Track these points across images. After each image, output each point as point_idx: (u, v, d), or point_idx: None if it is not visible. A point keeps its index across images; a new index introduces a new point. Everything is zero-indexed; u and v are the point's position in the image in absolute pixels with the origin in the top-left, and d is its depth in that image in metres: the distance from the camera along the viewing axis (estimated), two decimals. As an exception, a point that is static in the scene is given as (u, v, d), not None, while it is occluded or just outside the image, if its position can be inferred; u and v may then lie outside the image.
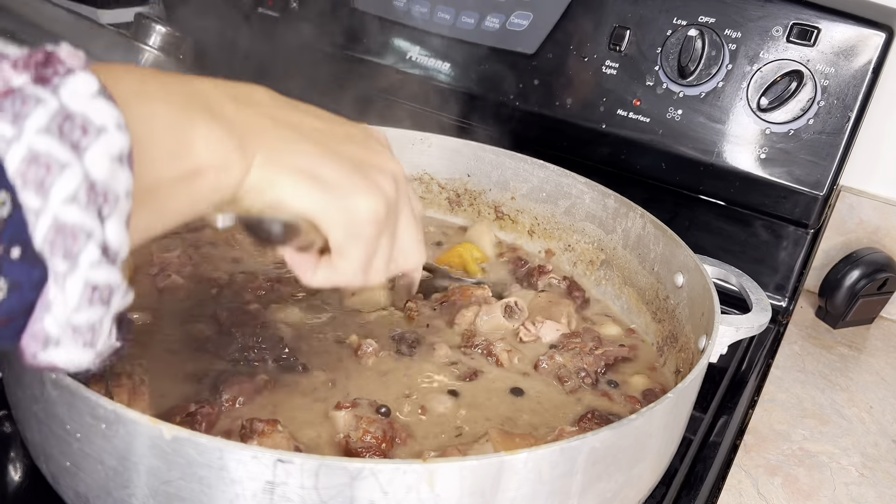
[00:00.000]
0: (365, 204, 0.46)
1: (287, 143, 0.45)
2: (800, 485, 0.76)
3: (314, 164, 0.45)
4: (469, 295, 0.80)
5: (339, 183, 0.45)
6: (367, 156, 0.49)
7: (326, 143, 0.47)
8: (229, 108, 0.42)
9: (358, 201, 0.46)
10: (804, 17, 0.92)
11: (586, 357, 0.74)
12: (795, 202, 0.96)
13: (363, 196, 0.46)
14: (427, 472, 0.43)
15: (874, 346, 1.04)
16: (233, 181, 0.41)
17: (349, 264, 0.48)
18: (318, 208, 0.45)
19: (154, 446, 0.43)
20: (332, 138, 0.48)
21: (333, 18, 1.16)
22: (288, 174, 0.44)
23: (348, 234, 0.46)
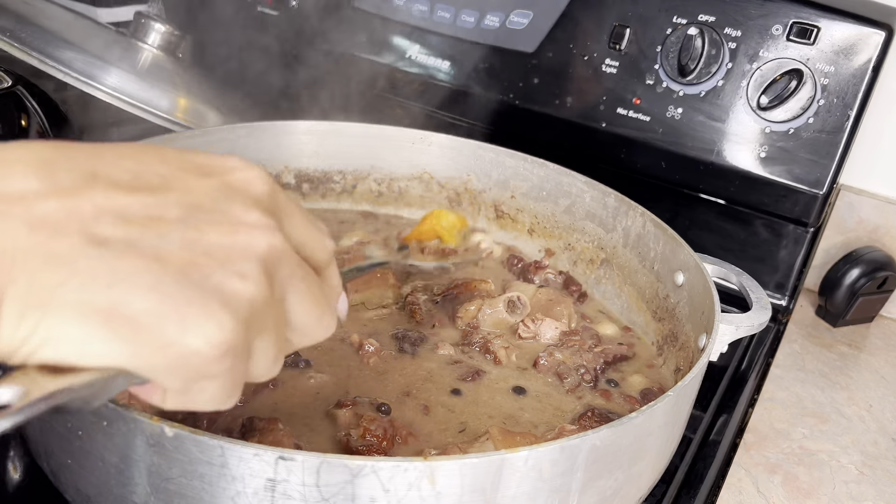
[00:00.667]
0: (200, 340, 0.32)
1: (57, 264, 0.29)
2: (799, 483, 0.76)
3: (109, 295, 0.30)
4: (472, 288, 0.81)
5: (153, 316, 0.31)
6: (207, 237, 0.34)
7: (132, 242, 0.31)
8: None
9: (188, 339, 0.32)
10: (804, 15, 0.92)
11: (585, 354, 0.74)
12: (795, 201, 0.96)
13: (195, 329, 0.32)
14: (428, 470, 0.43)
15: (874, 344, 1.04)
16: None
17: (206, 399, 0.35)
18: (130, 362, 0.31)
19: (155, 444, 0.43)
20: (144, 226, 0.32)
21: (333, 17, 1.16)
22: (66, 318, 0.29)
23: (188, 380, 0.33)
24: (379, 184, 0.99)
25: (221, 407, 0.36)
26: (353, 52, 1.16)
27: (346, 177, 0.98)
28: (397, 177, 0.99)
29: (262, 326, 0.36)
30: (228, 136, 0.91)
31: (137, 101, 0.93)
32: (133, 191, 0.33)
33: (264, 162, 0.94)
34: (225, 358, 0.33)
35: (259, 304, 0.35)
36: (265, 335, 0.36)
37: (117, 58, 0.94)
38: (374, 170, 0.98)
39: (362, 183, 0.99)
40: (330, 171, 0.98)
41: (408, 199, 0.99)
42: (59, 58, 0.90)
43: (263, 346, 0.36)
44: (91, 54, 0.92)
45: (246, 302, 0.34)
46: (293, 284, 0.38)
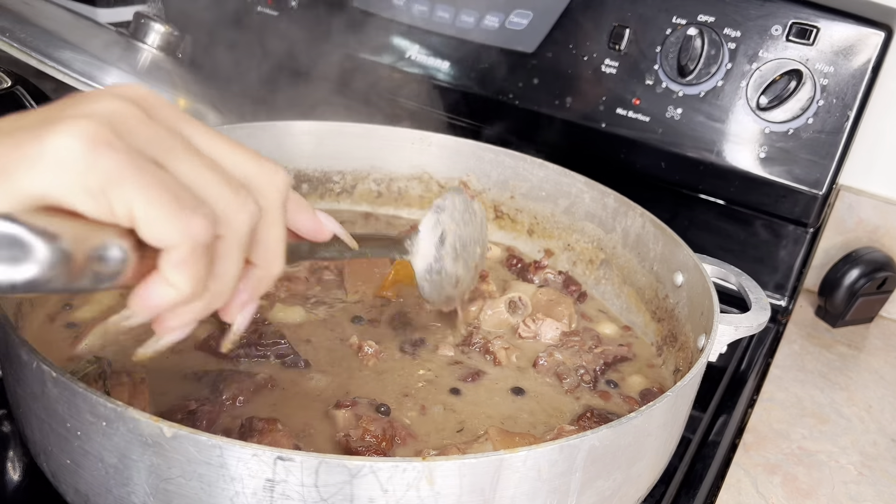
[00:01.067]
0: (61, 137, 0.32)
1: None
2: (799, 484, 0.76)
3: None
4: (473, 289, 0.81)
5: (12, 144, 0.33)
6: (64, 105, 0.36)
7: None
8: None
9: (49, 141, 0.32)
10: (803, 16, 0.92)
11: (585, 355, 0.74)
12: (795, 201, 0.96)
13: (52, 131, 0.33)
14: (427, 470, 0.43)
15: (873, 345, 1.04)
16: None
17: (157, 219, 0.34)
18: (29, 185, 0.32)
19: (154, 444, 0.43)
20: None
21: (332, 17, 1.16)
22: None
23: (89, 190, 0.33)
24: (378, 184, 0.99)
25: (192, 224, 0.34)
26: (353, 53, 1.16)
27: (345, 177, 0.98)
28: (397, 177, 0.99)
29: (154, 140, 0.35)
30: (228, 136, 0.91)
31: (137, 101, 0.93)
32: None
33: (264, 162, 0.94)
34: (99, 149, 0.32)
35: (129, 117, 0.34)
36: (171, 150, 0.35)
37: (117, 58, 0.94)
38: (374, 170, 0.98)
39: (362, 183, 0.99)
40: (329, 171, 0.98)
41: (407, 199, 1.00)
42: (59, 58, 0.90)
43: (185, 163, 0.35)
44: (90, 54, 0.92)
45: (101, 112, 0.34)
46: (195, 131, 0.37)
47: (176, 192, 0.34)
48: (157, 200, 0.33)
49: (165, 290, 0.36)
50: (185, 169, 0.35)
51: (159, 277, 0.35)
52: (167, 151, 0.35)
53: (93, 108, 0.34)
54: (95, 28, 1.02)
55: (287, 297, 0.78)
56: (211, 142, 0.38)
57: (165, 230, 0.34)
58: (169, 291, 0.36)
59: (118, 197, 0.33)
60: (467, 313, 0.78)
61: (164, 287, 0.36)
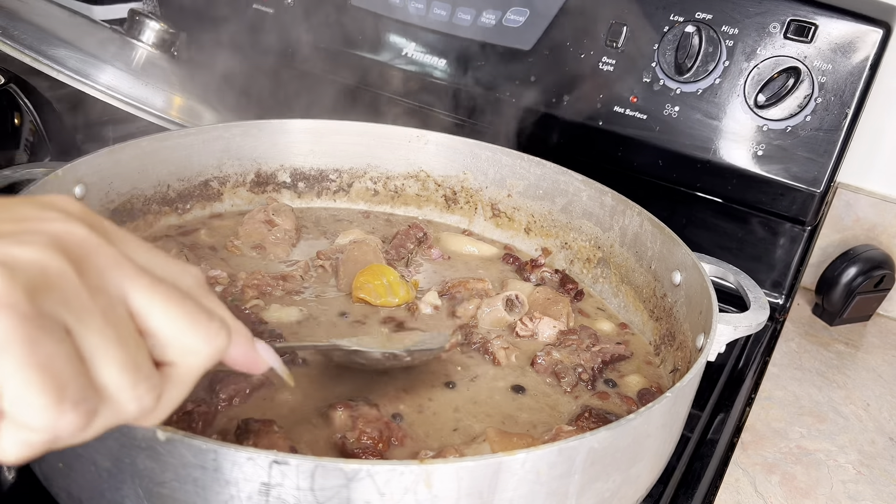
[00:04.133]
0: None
1: None
2: (797, 482, 0.76)
3: None
4: (469, 288, 0.81)
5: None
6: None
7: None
8: None
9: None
10: (801, 13, 0.92)
11: (583, 353, 0.74)
12: (792, 199, 0.96)
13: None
14: (424, 473, 0.43)
15: (871, 343, 1.04)
16: None
17: (25, 405, 0.29)
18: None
19: (148, 448, 0.43)
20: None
21: (329, 14, 1.16)
22: None
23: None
24: (375, 182, 0.98)
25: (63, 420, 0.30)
26: (349, 50, 1.16)
27: (342, 175, 0.98)
28: (393, 175, 0.98)
29: (73, 305, 0.30)
30: (224, 135, 0.90)
31: (132, 99, 0.92)
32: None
33: (260, 160, 0.94)
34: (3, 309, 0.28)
35: (52, 273, 0.30)
36: (87, 321, 0.31)
37: (111, 55, 0.94)
38: (371, 168, 0.98)
39: (358, 181, 0.98)
40: (326, 169, 0.97)
41: (404, 197, 0.99)
42: (53, 55, 0.89)
43: (95, 340, 0.31)
44: (85, 52, 0.91)
45: (23, 261, 0.30)
46: (130, 281, 0.33)
47: (61, 378, 0.29)
48: (35, 385, 0.29)
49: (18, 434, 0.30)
50: (92, 342, 0.31)
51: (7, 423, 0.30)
52: (82, 318, 0.31)
53: (17, 258, 0.30)
54: (90, 25, 1.01)
55: (283, 295, 0.78)
56: (147, 295, 0.33)
57: (32, 417, 0.29)
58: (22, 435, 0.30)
59: None
60: (465, 311, 0.78)
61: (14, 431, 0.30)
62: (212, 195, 0.91)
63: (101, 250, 0.33)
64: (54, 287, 0.30)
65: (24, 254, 0.30)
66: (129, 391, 0.32)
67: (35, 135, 0.94)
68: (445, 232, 0.96)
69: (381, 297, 0.78)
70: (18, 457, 0.31)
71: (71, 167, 0.72)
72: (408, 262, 0.87)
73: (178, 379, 0.35)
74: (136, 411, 0.33)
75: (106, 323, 0.32)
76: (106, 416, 0.32)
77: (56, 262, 0.30)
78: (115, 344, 0.32)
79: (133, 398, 0.33)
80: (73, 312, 0.31)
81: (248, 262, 0.83)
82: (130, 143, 0.81)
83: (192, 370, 0.35)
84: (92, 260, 0.32)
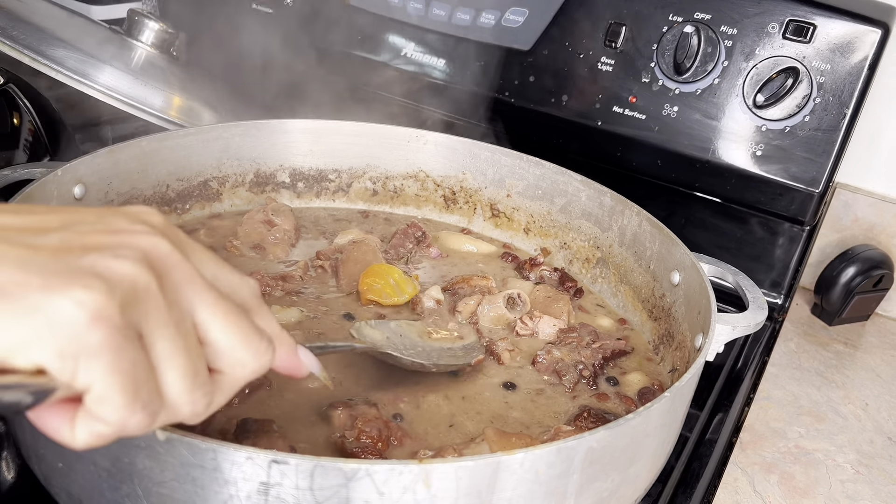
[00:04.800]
0: (66, 301, 0.32)
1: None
2: (796, 482, 0.76)
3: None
4: (472, 285, 0.81)
5: (19, 285, 0.31)
6: (86, 237, 0.35)
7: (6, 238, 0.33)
8: None
9: (56, 301, 0.31)
10: (800, 13, 0.92)
11: (584, 350, 0.74)
12: (791, 199, 0.96)
13: (61, 292, 0.32)
14: (423, 473, 0.43)
15: (870, 342, 1.04)
16: None
17: (106, 404, 0.33)
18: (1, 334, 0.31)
19: (147, 447, 0.43)
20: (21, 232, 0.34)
21: (328, 15, 1.16)
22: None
23: (64, 354, 0.32)
24: (374, 182, 0.99)
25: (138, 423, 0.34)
26: (348, 50, 1.16)
27: (341, 175, 0.98)
28: (393, 175, 0.98)
29: (151, 316, 0.34)
30: (223, 135, 0.90)
31: (131, 99, 0.92)
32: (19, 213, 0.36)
33: (259, 160, 0.94)
34: (97, 324, 0.32)
35: (140, 288, 0.34)
36: (161, 331, 0.35)
37: (111, 56, 0.94)
38: (370, 168, 0.98)
39: (358, 181, 0.98)
40: (325, 169, 0.97)
41: (403, 197, 0.99)
42: (52, 56, 0.89)
43: (165, 348, 0.35)
44: (84, 52, 0.91)
45: (119, 276, 0.33)
46: (198, 296, 0.37)
47: (137, 383, 0.34)
48: (118, 388, 0.33)
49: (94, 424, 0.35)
50: (164, 350, 0.35)
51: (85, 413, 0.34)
52: (158, 328, 0.35)
53: (116, 272, 0.33)
54: (89, 25, 1.01)
55: (282, 295, 0.78)
56: (211, 311, 0.37)
57: (109, 414, 0.34)
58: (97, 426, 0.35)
59: (86, 369, 0.32)
60: (466, 307, 0.78)
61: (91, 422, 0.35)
62: (211, 195, 0.92)
63: (180, 266, 0.37)
64: (141, 300, 0.34)
65: (121, 268, 0.34)
66: (187, 395, 0.36)
67: (34, 135, 0.94)
68: (444, 231, 0.96)
69: (391, 297, 0.78)
70: (87, 444, 0.35)
71: (70, 167, 0.73)
72: (407, 261, 0.88)
73: (224, 386, 0.39)
74: (190, 413, 0.37)
75: (177, 334, 0.35)
76: (164, 415, 0.36)
77: (144, 276, 0.34)
78: (181, 353, 0.36)
79: (189, 402, 0.37)
80: (152, 323, 0.35)
81: (247, 262, 0.84)
82: (130, 143, 0.81)
83: (238, 380, 0.39)
84: (172, 275, 0.36)
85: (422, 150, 0.97)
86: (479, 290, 0.81)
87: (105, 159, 0.77)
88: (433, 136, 0.96)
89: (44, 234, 0.34)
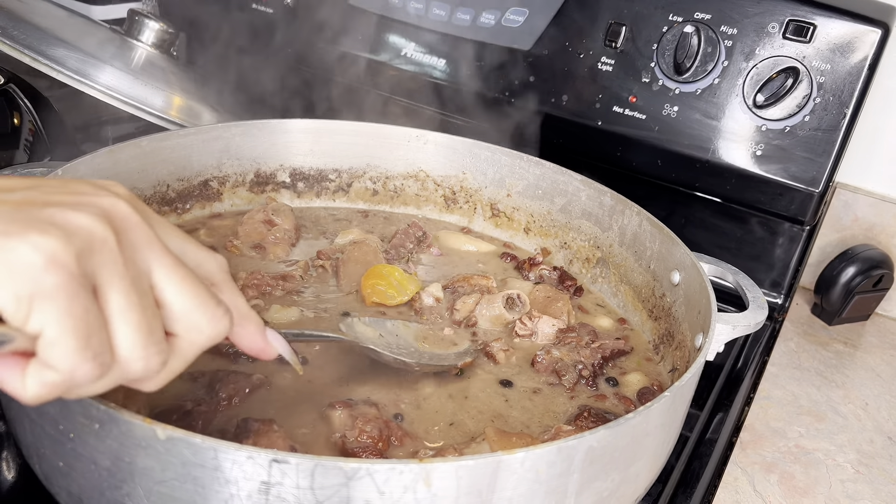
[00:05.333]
0: (23, 244, 0.33)
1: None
2: (796, 482, 0.76)
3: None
4: (473, 284, 0.81)
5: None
6: (49, 196, 0.37)
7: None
8: None
9: (13, 244, 0.33)
10: (800, 13, 0.92)
11: (583, 350, 0.74)
12: (791, 199, 0.96)
13: (21, 235, 0.33)
14: (423, 472, 0.43)
15: (870, 342, 1.04)
16: None
17: (57, 347, 0.34)
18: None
19: (148, 447, 0.43)
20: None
21: (328, 15, 1.16)
22: None
23: (19, 296, 0.33)
24: (374, 182, 0.99)
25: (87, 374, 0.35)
26: (349, 50, 1.16)
27: (341, 175, 0.98)
28: (393, 175, 0.98)
29: (107, 269, 0.36)
30: (223, 135, 0.90)
31: (131, 99, 0.92)
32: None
33: (259, 160, 0.94)
34: (52, 268, 0.33)
35: (97, 240, 0.35)
36: (116, 284, 0.36)
37: (111, 56, 0.94)
38: (370, 168, 0.98)
39: (358, 181, 0.98)
40: (325, 169, 0.97)
41: (404, 197, 0.99)
42: (52, 56, 0.89)
43: (119, 301, 0.36)
44: (84, 52, 0.91)
45: (75, 226, 0.35)
46: (156, 258, 0.38)
47: (89, 328, 0.35)
48: (70, 332, 0.34)
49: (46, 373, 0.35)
50: (118, 303, 0.36)
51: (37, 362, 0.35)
52: (113, 281, 0.36)
53: (73, 223, 0.35)
54: (89, 25, 1.01)
55: (283, 295, 0.78)
56: (168, 274, 0.38)
57: (59, 359, 0.34)
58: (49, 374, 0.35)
59: (39, 311, 0.33)
60: (464, 305, 0.78)
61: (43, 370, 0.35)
62: (211, 195, 0.92)
63: (139, 228, 0.38)
64: (97, 251, 0.35)
65: (79, 220, 0.35)
66: (140, 350, 0.37)
67: (34, 135, 0.94)
68: (444, 230, 0.96)
69: (396, 297, 0.78)
70: (36, 396, 0.35)
71: (70, 167, 0.73)
72: (408, 260, 0.88)
73: (181, 351, 0.40)
74: (143, 370, 0.38)
75: (132, 289, 0.36)
76: (117, 371, 0.37)
77: (102, 230, 0.36)
78: (135, 308, 0.36)
79: (142, 357, 0.37)
80: (107, 275, 0.36)
81: (247, 261, 0.84)
82: (130, 143, 0.81)
83: (194, 345, 0.40)
84: (130, 234, 0.37)
85: (422, 150, 0.97)
86: (478, 290, 0.81)
87: (105, 159, 0.77)
88: (433, 136, 0.96)
89: (9, 191, 0.36)
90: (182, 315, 0.39)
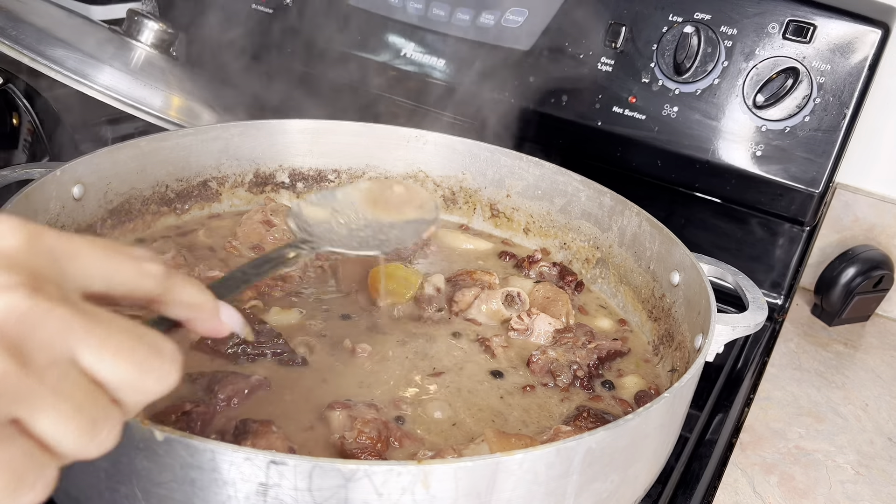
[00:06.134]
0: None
1: None
2: (796, 483, 0.76)
3: None
4: (475, 278, 0.81)
5: None
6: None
7: None
8: None
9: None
10: (800, 13, 0.92)
11: (579, 351, 0.73)
12: (791, 199, 0.96)
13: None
14: (422, 474, 0.43)
15: (870, 343, 1.04)
16: None
17: None
18: None
19: (146, 448, 0.43)
20: None
21: (327, 15, 1.16)
22: None
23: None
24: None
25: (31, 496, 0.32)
26: (348, 50, 1.16)
27: (340, 175, 0.98)
28: (392, 175, 0.98)
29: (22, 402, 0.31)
30: (222, 135, 0.90)
31: (130, 99, 0.92)
32: None
33: (258, 160, 0.94)
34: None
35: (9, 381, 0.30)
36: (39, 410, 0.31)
37: (110, 56, 0.94)
38: (369, 168, 0.98)
39: (357, 181, 0.98)
40: (325, 169, 0.97)
41: (403, 197, 0.99)
42: (51, 56, 0.89)
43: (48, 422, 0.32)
44: (83, 52, 0.91)
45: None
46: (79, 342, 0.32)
47: (20, 472, 0.31)
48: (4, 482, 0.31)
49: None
50: (47, 422, 0.32)
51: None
52: (33, 405, 0.31)
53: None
54: (88, 25, 1.01)
55: (282, 296, 0.78)
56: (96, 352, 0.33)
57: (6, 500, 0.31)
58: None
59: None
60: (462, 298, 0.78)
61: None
62: (210, 195, 0.91)
63: (46, 320, 0.32)
64: (2, 395, 0.30)
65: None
66: (89, 445, 0.33)
67: (33, 135, 0.94)
68: (443, 228, 0.96)
69: (407, 293, 0.79)
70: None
71: (69, 167, 0.72)
72: (409, 261, 0.87)
73: (131, 410, 0.36)
74: (98, 452, 0.34)
75: (58, 398, 0.32)
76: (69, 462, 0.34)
77: (0, 367, 0.30)
78: (70, 415, 0.32)
79: (95, 447, 0.34)
80: (23, 404, 0.31)
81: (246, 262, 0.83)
82: (129, 144, 0.81)
83: (143, 403, 0.36)
84: (37, 336, 0.31)
85: (421, 151, 0.97)
86: (479, 284, 0.81)
87: (104, 159, 0.77)
88: (433, 137, 0.96)
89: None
90: (123, 385, 0.34)
